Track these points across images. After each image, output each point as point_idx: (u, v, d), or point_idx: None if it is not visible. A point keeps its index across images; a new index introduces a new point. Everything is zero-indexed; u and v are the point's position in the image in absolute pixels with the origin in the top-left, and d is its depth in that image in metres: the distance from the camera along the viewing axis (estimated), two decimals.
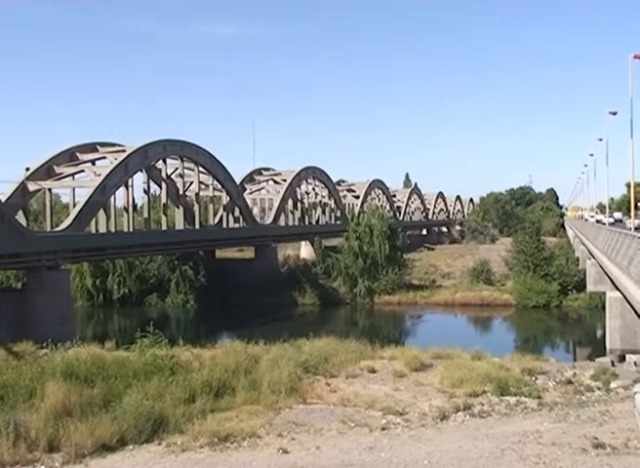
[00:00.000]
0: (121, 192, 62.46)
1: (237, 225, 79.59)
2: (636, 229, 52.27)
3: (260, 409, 24.75)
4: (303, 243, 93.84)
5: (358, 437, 22.07)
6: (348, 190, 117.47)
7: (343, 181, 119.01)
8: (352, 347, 35.16)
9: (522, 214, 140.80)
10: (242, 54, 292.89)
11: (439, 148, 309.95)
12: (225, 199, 78.08)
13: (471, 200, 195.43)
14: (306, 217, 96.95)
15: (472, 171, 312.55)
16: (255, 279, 74.05)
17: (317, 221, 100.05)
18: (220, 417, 23.33)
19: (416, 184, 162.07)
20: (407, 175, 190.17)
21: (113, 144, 66.13)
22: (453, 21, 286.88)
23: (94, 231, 60.01)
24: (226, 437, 21.54)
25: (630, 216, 73.65)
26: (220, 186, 76.85)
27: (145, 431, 21.40)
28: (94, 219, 59.48)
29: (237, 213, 79.60)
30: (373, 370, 31.09)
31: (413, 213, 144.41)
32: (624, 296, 25.99)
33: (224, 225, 77.88)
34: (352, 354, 33.55)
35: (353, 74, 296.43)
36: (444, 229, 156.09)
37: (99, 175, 59.50)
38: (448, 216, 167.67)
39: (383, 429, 23.02)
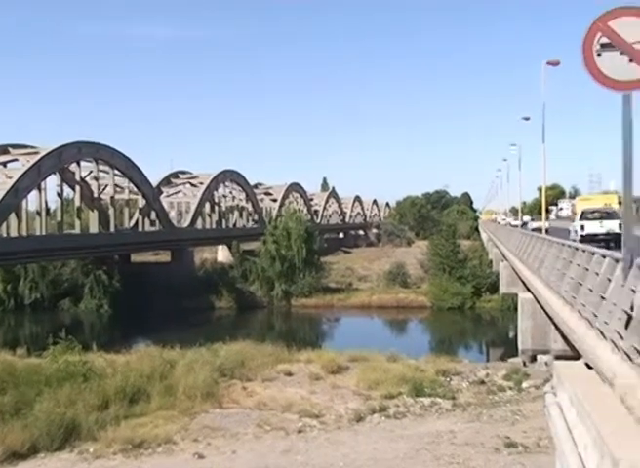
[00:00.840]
0: (34, 195, 61.10)
1: (153, 229, 78.64)
2: (533, 230, 53.85)
3: (176, 414, 24.48)
4: (221, 246, 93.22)
5: (274, 440, 22.00)
6: (266, 194, 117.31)
7: (261, 185, 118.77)
8: (269, 351, 35.10)
9: (438, 217, 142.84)
10: (168, 56, 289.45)
11: (356, 152, 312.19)
12: (141, 202, 77.08)
13: (388, 204, 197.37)
14: (224, 221, 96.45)
15: (389, 174, 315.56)
16: (171, 283, 73.22)
17: (234, 225, 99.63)
18: (134, 424, 22.99)
19: (333, 188, 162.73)
20: (324, 179, 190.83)
21: (25, 146, 64.62)
22: (369, 27, 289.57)
23: (5, 235, 58.47)
24: (141, 443, 21.24)
25: (541, 219, 75.85)
26: (135, 189, 75.83)
27: (57, 438, 20.97)
28: (4, 223, 57.94)
29: (153, 216, 78.66)
30: (289, 374, 31.06)
31: (330, 216, 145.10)
32: (536, 298, 26.52)
33: (140, 229, 76.86)
34: (269, 357, 33.49)
35: (271, 78, 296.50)
36: (361, 232, 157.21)
37: (10, 178, 58.04)
38: (365, 220, 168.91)
39: (300, 432, 23.01)
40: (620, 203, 38.65)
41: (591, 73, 10.23)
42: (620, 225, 41.03)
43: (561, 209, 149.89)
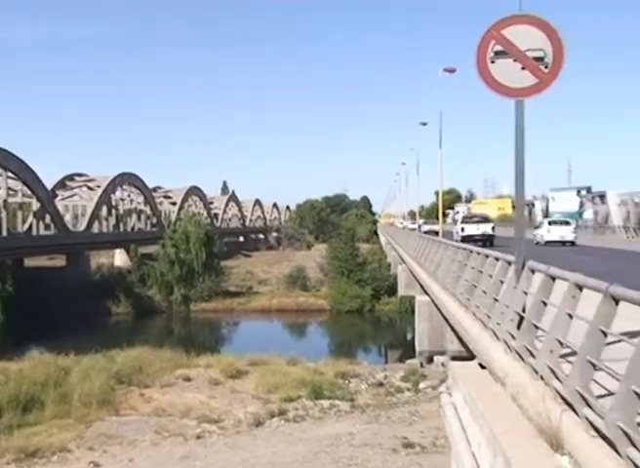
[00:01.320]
0: None
1: (48, 233, 76.65)
2: (426, 233, 56.94)
3: (71, 422, 23.94)
4: (118, 251, 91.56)
5: (172, 447, 21.74)
6: (165, 197, 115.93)
7: (160, 188, 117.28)
8: (167, 356, 34.68)
9: (337, 220, 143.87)
10: (57, 56, 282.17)
11: (257, 156, 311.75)
12: (36, 205, 75.06)
13: (288, 207, 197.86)
14: (121, 225, 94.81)
15: (289, 178, 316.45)
16: (66, 288, 71.43)
17: (132, 228, 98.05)
18: (27, 432, 22.39)
19: (233, 191, 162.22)
20: (224, 183, 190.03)
21: None
22: (270, 28, 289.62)
23: None
24: (34, 452, 20.70)
25: (433, 222, 78.94)
26: (30, 192, 73.78)
27: None
28: None
29: (48, 219, 76.66)
30: (188, 379, 30.76)
31: (230, 219, 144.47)
32: (432, 300, 26.97)
33: (34, 233, 74.82)
34: (167, 363, 33.10)
35: (170, 79, 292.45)
36: (261, 236, 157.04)
37: None
38: (265, 223, 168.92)
39: (198, 438, 22.81)
40: (513, 207, 40.93)
41: (485, 80, 10.47)
42: (492, 228, 51.35)
43: (457, 212, 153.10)
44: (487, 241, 46.22)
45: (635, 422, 5.47)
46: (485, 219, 52.45)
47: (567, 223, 54.58)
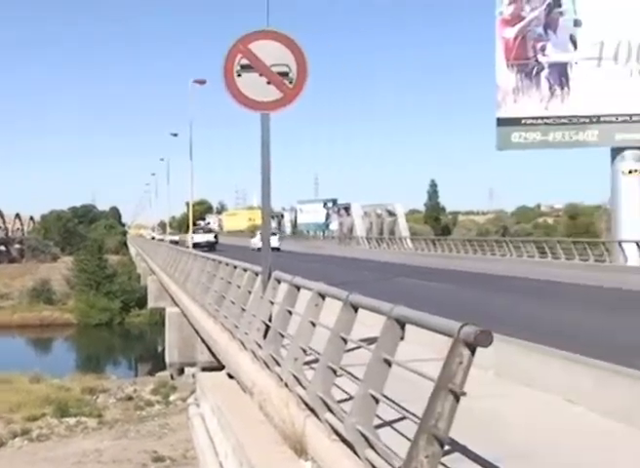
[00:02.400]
0: None
1: None
2: (171, 243, 65.53)
3: None
4: None
5: None
6: None
7: None
8: None
9: (85, 232, 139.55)
10: None
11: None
12: None
13: (32, 218, 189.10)
14: None
15: (33, 187, 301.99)
16: None
17: None
18: None
19: None
20: None
21: None
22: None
23: None
24: None
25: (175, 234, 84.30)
26: None
27: None
28: None
29: None
30: None
31: None
32: (182, 311, 26.88)
33: None
34: None
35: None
36: (2, 248, 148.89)
37: None
38: (7, 234, 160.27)
39: None
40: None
41: (232, 93, 10.59)
42: (215, 236, 72.20)
43: (208, 223, 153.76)
44: (210, 247, 62.70)
45: (372, 425, 5.72)
46: (209, 231, 76.80)
47: (274, 234, 65.88)
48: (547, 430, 7.20)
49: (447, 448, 5.04)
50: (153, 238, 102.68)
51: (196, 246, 56.01)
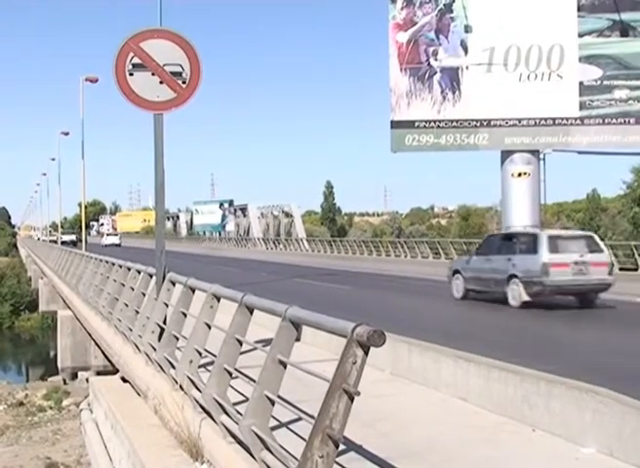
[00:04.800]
0: None
1: None
2: (63, 243, 69.44)
3: None
4: None
5: None
6: None
7: None
8: None
9: None
10: None
11: None
12: None
13: None
14: None
15: None
16: None
17: None
18: None
19: None
20: None
21: None
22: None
23: None
24: None
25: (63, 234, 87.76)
26: None
27: None
28: None
29: None
30: None
31: None
32: (75, 315, 26.33)
33: None
34: None
35: None
36: None
37: None
38: None
39: None
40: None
41: (124, 92, 10.41)
42: (76, 236, 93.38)
43: (102, 224, 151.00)
44: (74, 244, 76.20)
45: (268, 426, 5.72)
46: (72, 232, 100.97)
47: (115, 235, 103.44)
48: (442, 427, 7.35)
49: (342, 447, 5.09)
50: (39, 239, 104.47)
51: (64, 243, 71.08)
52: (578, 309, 18.96)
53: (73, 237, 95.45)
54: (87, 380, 30.40)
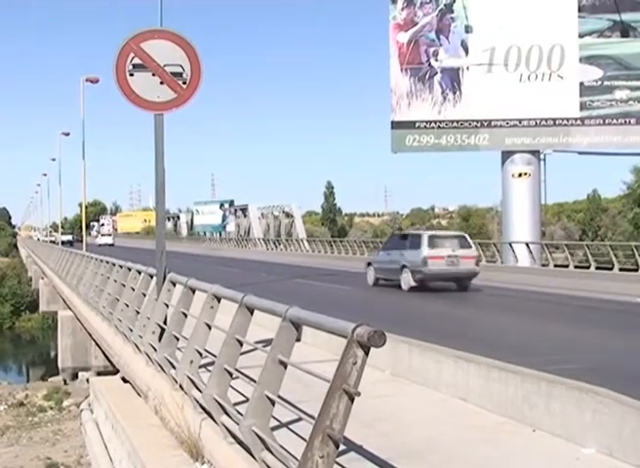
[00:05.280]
0: None
1: None
2: (63, 244, 71.02)
3: None
4: None
5: None
6: None
7: None
8: None
9: None
10: None
11: None
12: None
13: None
14: None
15: None
16: None
17: None
18: None
19: None
20: None
21: None
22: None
23: None
24: None
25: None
26: None
27: None
28: None
29: None
30: None
31: None
32: (76, 315, 26.33)
33: None
34: None
35: None
36: None
37: None
38: None
39: None
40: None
41: (124, 92, 10.41)
42: (73, 237, 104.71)
43: (103, 225, 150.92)
44: (71, 243, 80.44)
45: (269, 427, 5.72)
46: (70, 233, 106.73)
47: (109, 235, 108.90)
48: (442, 427, 7.35)
49: (342, 447, 5.09)
50: (39, 239, 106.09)
51: (63, 243, 74.78)
52: (455, 292, 24.13)
53: (70, 237, 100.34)
54: (87, 381, 30.39)
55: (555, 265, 31.59)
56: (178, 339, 9.17)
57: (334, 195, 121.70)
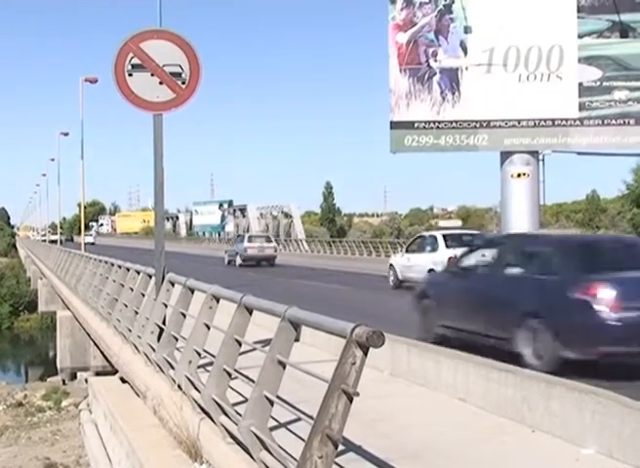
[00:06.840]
0: None
1: None
2: (51, 242, 76.35)
3: None
4: None
5: None
6: None
7: None
8: None
9: None
10: None
11: None
12: None
13: None
14: None
15: None
16: None
17: None
18: None
19: None
20: None
21: None
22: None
23: None
24: None
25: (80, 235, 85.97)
26: None
27: None
28: None
29: None
30: None
31: None
32: (74, 315, 26.32)
33: None
34: None
35: None
36: None
37: None
38: None
39: None
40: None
41: (123, 92, 10.40)
42: (65, 237, 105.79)
43: (101, 225, 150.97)
44: (61, 242, 77.90)
45: (267, 427, 5.72)
46: (61, 233, 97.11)
47: (90, 235, 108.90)
48: (441, 428, 7.35)
49: (341, 448, 5.08)
50: (36, 239, 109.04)
51: (51, 242, 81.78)
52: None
53: (62, 238, 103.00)
54: (86, 381, 30.35)
55: None
56: (176, 339, 9.16)
57: (333, 195, 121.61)
